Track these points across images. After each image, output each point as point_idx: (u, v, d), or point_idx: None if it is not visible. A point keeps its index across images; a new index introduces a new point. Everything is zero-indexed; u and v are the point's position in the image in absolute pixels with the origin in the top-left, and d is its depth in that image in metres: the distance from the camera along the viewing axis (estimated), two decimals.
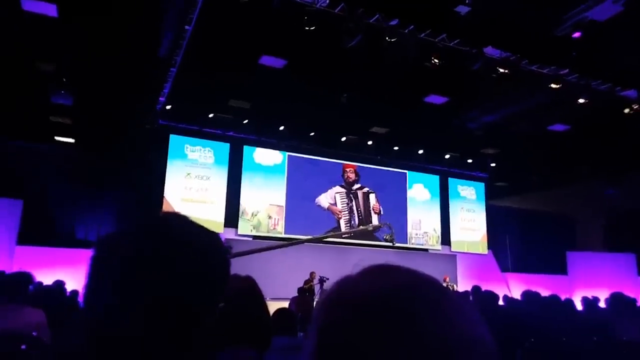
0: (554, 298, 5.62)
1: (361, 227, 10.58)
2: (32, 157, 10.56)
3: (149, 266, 0.70)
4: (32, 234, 9.62)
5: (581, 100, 9.56)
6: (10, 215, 9.31)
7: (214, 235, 0.80)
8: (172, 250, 0.72)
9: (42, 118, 10.81)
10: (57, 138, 11.65)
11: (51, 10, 7.50)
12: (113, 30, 7.96)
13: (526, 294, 6.15)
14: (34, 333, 3.29)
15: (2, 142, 10.33)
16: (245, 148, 12.54)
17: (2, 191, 9.24)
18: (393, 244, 8.10)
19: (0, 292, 3.65)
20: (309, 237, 11.61)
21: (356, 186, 13.73)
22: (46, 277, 7.03)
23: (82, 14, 7.67)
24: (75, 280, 7.47)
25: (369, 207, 13.75)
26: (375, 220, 13.50)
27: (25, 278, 3.73)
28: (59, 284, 6.35)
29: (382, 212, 13.72)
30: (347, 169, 13.67)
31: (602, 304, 6.58)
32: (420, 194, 14.75)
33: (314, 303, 9.03)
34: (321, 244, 12.00)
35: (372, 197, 13.84)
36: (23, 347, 3.07)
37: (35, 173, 10.35)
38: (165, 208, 11.06)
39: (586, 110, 9.90)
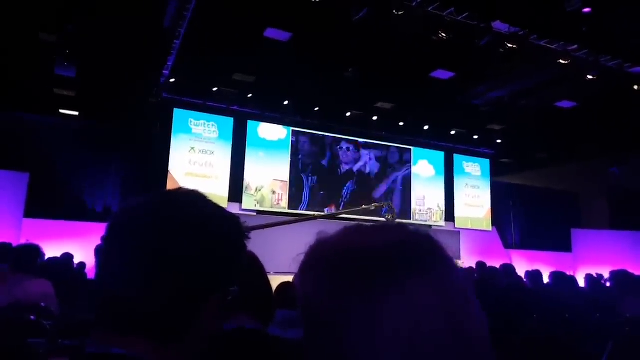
0: (557, 275, 5.65)
1: (363, 206, 10.66)
2: (37, 130, 10.54)
3: (169, 241, 0.71)
4: (39, 207, 9.68)
5: (590, 77, 9.43)
6: (17, 188, 9.35)
7: (237, 221, 0.82)
8: (192, 228, 0.73)
9: (47, 90, 10.76)
10: (61, 111, 11.62)
11: None
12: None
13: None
14: (42, 304, 3.35)
15: (7, 115, 10.31)
16: (250, 123, 12.48)
17: (9, 164, 9.27)
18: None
19: (8, 263, 3.70)
20: (313, 213, 11.68)
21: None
22: (53, 250, 7.10)
23: None
24: (82, 253, 7.55)
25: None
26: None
27: (33, 250, 3.78)
28: (67, 257, 6.43)
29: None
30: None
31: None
32: (424, 170, 14.72)
33: None
34: (325, 219, 12.05)
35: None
36: (32, 317, 3.12)
37: (41, 146, 10.35)
38: (169, 182, 11.09)
39: (594, 86, 9.77)
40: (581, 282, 6.35)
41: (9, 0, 7.88)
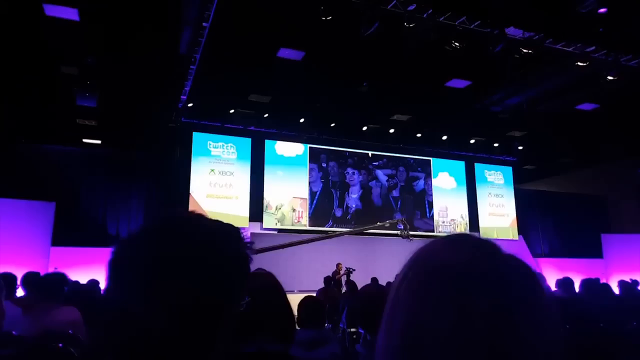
0: (589, 282, 5.47)
1: (378, 223, 10.62)
2: (62, 160, 10.82)
3: (169, 266, 0.71)
4: (66, 235, 9.89)
5: (610, 77, 9.24)
6: (44, 217, 9.58)
7: (233, 230, 0.80)
8: (191, 250, 0.73)
9: (70, 121, 11.07)
10: (84, 140, 11.91)
11: (73, 15, 7.66)
12: (133, 30, 8.06)
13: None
14: (70, 331, 3.37)
15: (33, 148, 10.62)
16: (267, 142, 12.58)
17: (36, 195, 9.52)
18: (409, 239, 8.31)
19: (36, 292, 3.76)
20: (332, 230, 11.65)
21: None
22: (81, 276, 7.21)
23: (102, 17, 7.81)
24: None
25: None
26: None
27: (59, 278, 3.83)
28: (93, 283, 6.50)
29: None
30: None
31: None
32: (445, 182, 14.55)
33: (342, 294, 9.03)
34: (347, 235, 11.98)
35: None
36: (60, 345, 3.15)
37: (66, 176, 10.61)
38: (191, 205, 11.20)
39: (615, 87, 9.58)
40: (615, 289, 6.14)
41: (31, 37, 8.17)
